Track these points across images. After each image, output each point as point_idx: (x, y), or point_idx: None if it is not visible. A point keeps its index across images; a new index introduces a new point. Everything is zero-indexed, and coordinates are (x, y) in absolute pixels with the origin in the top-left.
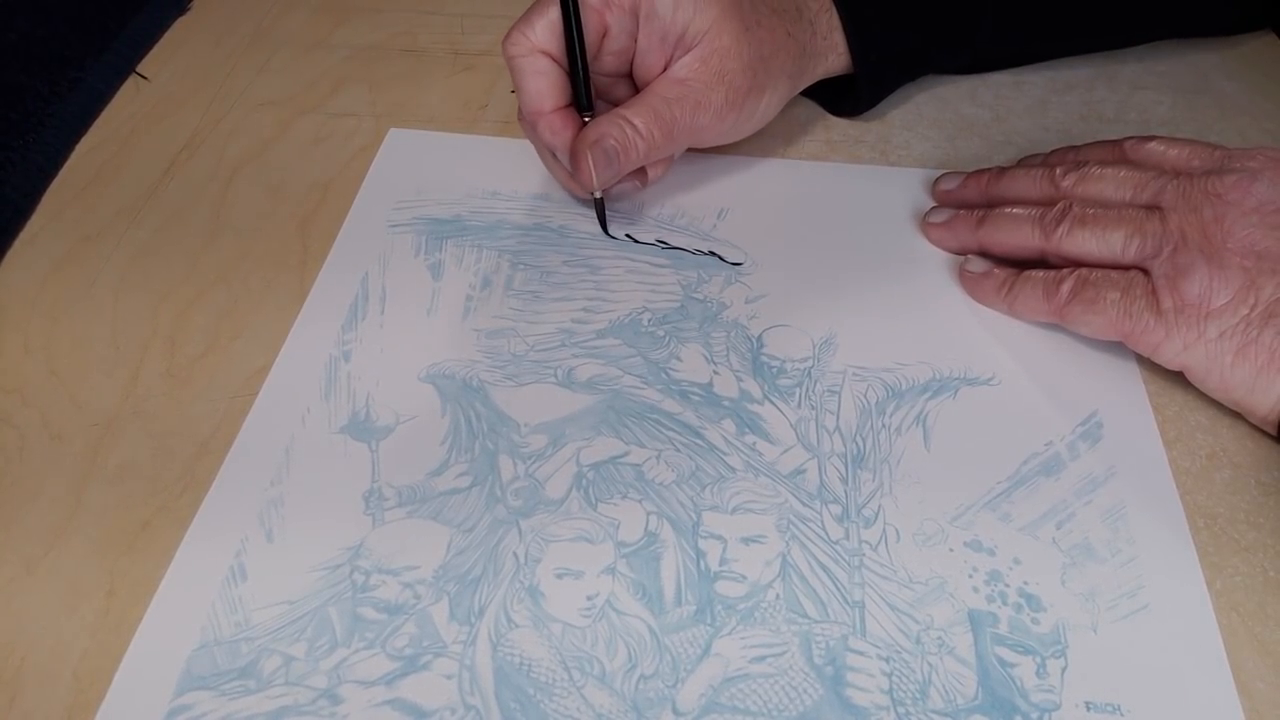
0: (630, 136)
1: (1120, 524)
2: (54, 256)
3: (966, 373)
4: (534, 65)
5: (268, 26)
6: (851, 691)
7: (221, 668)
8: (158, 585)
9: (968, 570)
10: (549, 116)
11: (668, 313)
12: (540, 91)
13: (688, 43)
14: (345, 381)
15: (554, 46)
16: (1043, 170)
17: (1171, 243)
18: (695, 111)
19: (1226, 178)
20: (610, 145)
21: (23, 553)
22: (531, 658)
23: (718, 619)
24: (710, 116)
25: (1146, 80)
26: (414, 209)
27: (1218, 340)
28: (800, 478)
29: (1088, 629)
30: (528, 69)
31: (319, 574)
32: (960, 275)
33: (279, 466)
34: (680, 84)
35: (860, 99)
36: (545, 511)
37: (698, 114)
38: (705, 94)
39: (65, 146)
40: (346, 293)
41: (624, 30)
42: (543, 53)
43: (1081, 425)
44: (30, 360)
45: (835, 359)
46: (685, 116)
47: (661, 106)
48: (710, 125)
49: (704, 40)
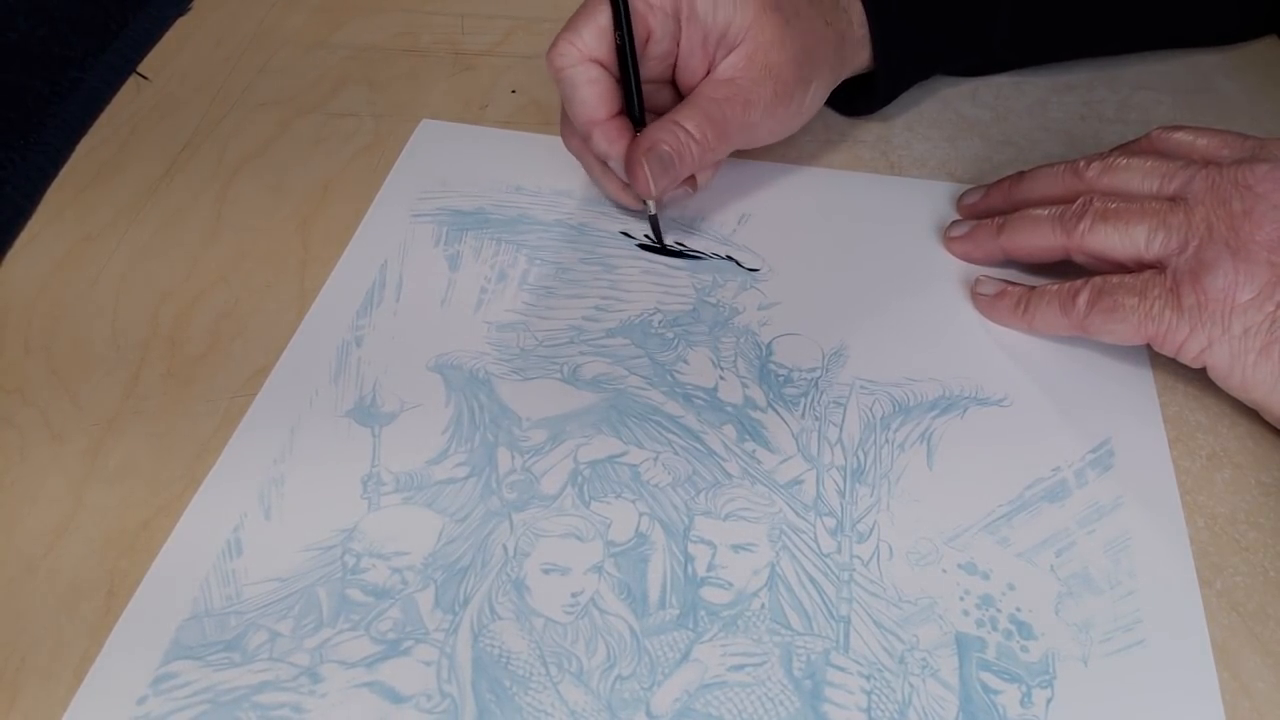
0: (684, 140)
1: (1123, 556)
2: (54, 256)
3: (978, 392)
4: (586, 74)
5: (268, 26)
6: (828, 707)
7: (209, 639)
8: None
9: (959, 593)
10: (604, 125)
11: (679, 315)
12: (595, 100)
13: (730, 41)
14: (355, 366)
15: (604, 53)
16: (1066, 164)
17: (1197, 237)
18: (746, 109)
19: (1258, 168)
20: (665, 151)
21: (23, 553)
22: (511, 650)
23: (700, 625)
24: (761, 113)
25: (1146, 80)
26: (438, 199)
27: (1242, 337)
28: (797, 488)
29: (1078, 661)
30: (579, 79)
31: (311, 554)
32: (973, 298)
33: (283, 446)
34: (728, 84)
35: (877, 97)
36: (538, 506)
37: (749, 111)
38: (754, 90)
39: (65, 146)
40: (365, 279)
41: (667, 33)
42: (593, 60)
43: (1093, 453)
44: (30, 360)
45: (844, 371)
46: (737, 115)
47: (712, 108)
48: (762, 122)
49: (747, 37)
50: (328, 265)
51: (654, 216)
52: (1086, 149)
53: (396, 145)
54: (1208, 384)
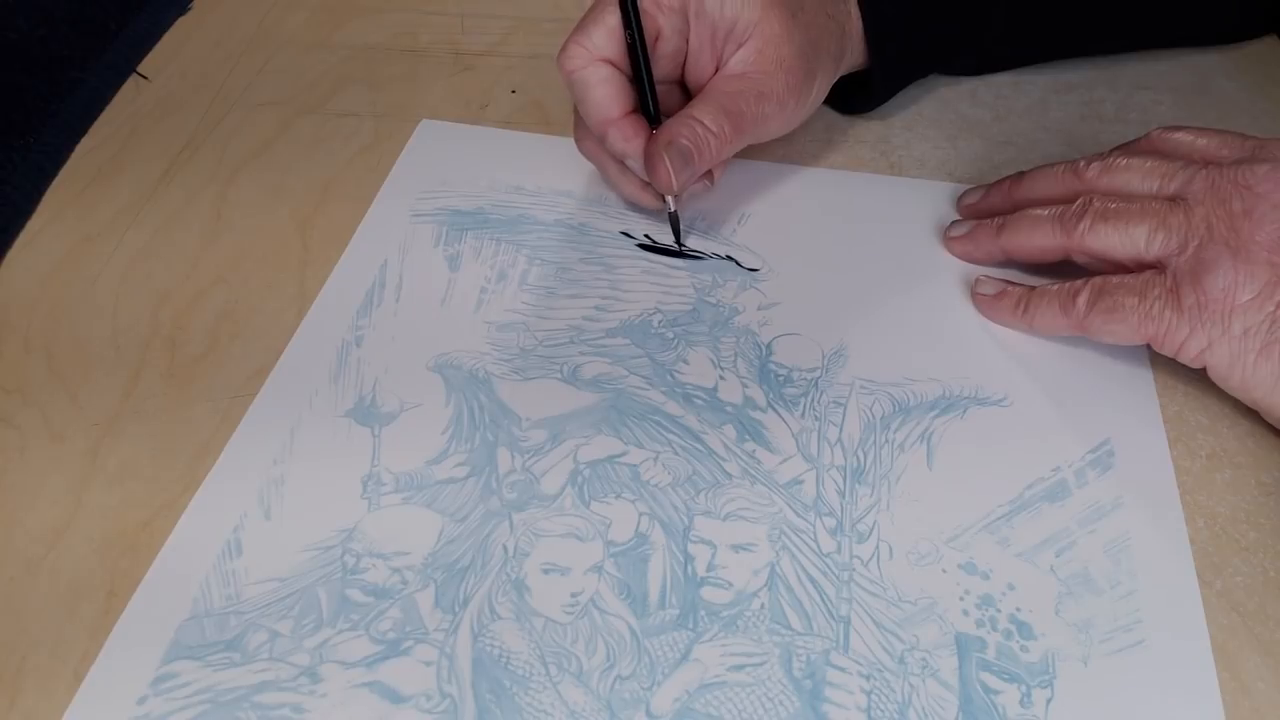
0: (702, 134)
1: (1123, 556)
2: (54, 256)
3: (978, 392)
4: (597, 74)
5: (268, 26)
6: (828, 707)
7: (209, 639)
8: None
9: (959, 593)
10: (619, 124)
11: (679, 315)
12: (608, 99)
13: (739, 36)
14: (355, 366)
15: (614, 53)
16: (1066, 165)
17: (1197, 237)
18: (760, 101)
19: (1258, 168)
20: (684, 145)
21: (23, 553)
22: (511, 650)
23: (700, 625)
24: (774, 105)
25: (1146, 80)
26: (438, 199)
27: (1242, 337)
28: (797, 488)
29: (1078, 661)
30: (591, 79)
31: (311, 554)
32: (974, 298)
33: (283, 446)
34: (740, 78)
35: (874, 93)
36: (538, 506)
37: (763, 104)
38: (766, 83)
39: (65, 146)
40: (365, 279)
41: (676, 31)
42: (604, 61)
43: (1092, 453)
44: (30, 360)
45: (844, 371)
46: (751, 107)
47: (727, 101)
48: (775, 114)
49: (755, 32)
50: (328, 265)
51: (674, 214)
52: (1086, 149)
53: (396, 145)
54: (1208, 384)
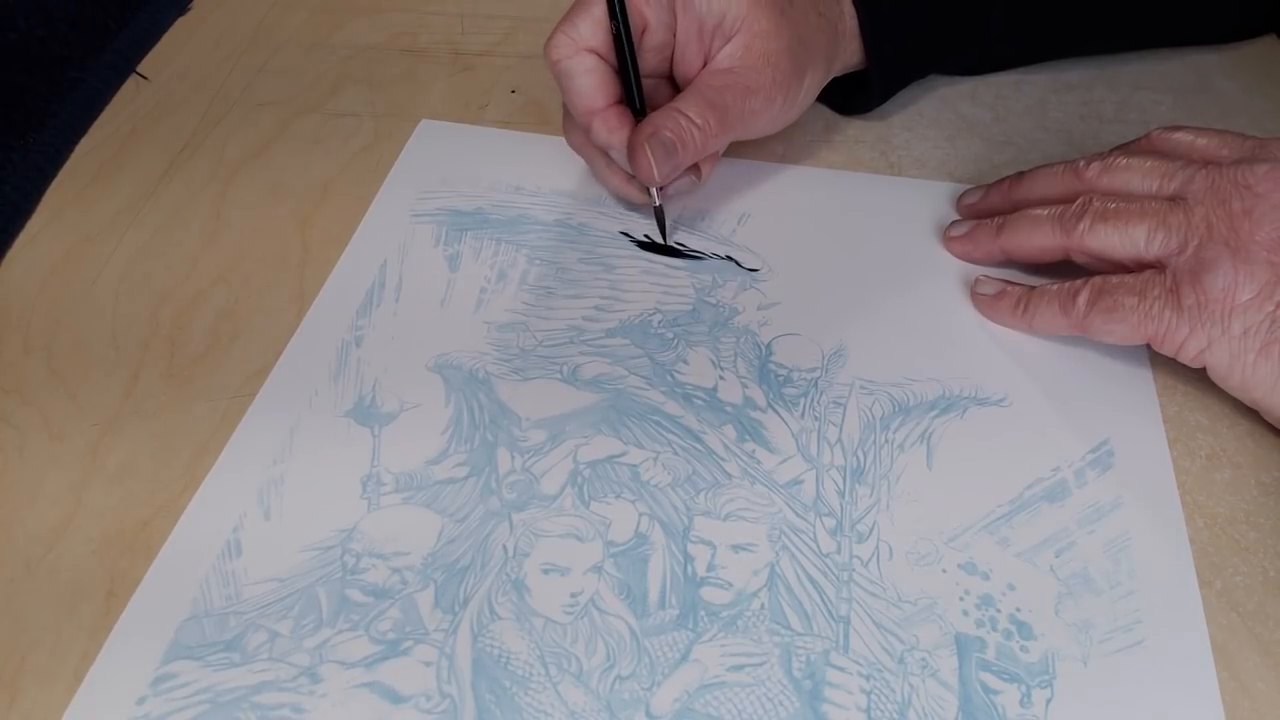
0: (686, 126)
1: (1123, 556)
2: (54, 256)
3: (977, 392)
4: (582, 64)
5: (268, 26)
6: (828, 707)
7: (209, 639)
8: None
9: (959, 593)
10: (604, 113)
11: (679, 315)
12: (592, 89)
13: (726, 31)
14: (355, 366)
15: (600, 44)
16: (1065, 164)
17: (1196, 237)
18: (746, 96)
19: (1258, 168)
20: (667, 136)
21: (23, 553)
22: (511, 650)
23: (700, 625)
24: (761, 101)
25: (1146, 80)
26: (438, 199)
27: (1241, 337)
28: (797, 488)
29: (1078, 661)
30: (576, 69)
31: (311, 554)
32: (973, 298)
33: (283, 446)
34: (727, 72)
35: (872, 93)
36: (538, 506)
37: (749, 99)
38: (753, 78)
39: (65, 146)
40: (365, 279)
41: (663, 24)
42: (589, 51)
43: (1092, 453)
44: (30, 360)
45: (844, 371)
46: (737, 102)
47: (712, 94)
48: (761, 110)
49: (743, 27)
50: (327, 265)
51: (659, 208)
52: (1086, 149)
53: (396, 145)
54: (1208, 384)
